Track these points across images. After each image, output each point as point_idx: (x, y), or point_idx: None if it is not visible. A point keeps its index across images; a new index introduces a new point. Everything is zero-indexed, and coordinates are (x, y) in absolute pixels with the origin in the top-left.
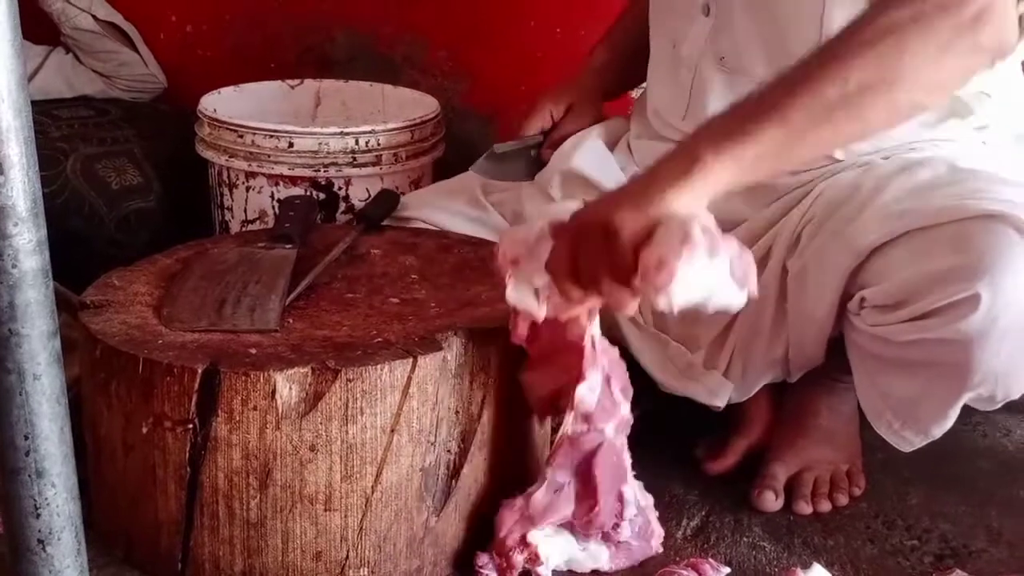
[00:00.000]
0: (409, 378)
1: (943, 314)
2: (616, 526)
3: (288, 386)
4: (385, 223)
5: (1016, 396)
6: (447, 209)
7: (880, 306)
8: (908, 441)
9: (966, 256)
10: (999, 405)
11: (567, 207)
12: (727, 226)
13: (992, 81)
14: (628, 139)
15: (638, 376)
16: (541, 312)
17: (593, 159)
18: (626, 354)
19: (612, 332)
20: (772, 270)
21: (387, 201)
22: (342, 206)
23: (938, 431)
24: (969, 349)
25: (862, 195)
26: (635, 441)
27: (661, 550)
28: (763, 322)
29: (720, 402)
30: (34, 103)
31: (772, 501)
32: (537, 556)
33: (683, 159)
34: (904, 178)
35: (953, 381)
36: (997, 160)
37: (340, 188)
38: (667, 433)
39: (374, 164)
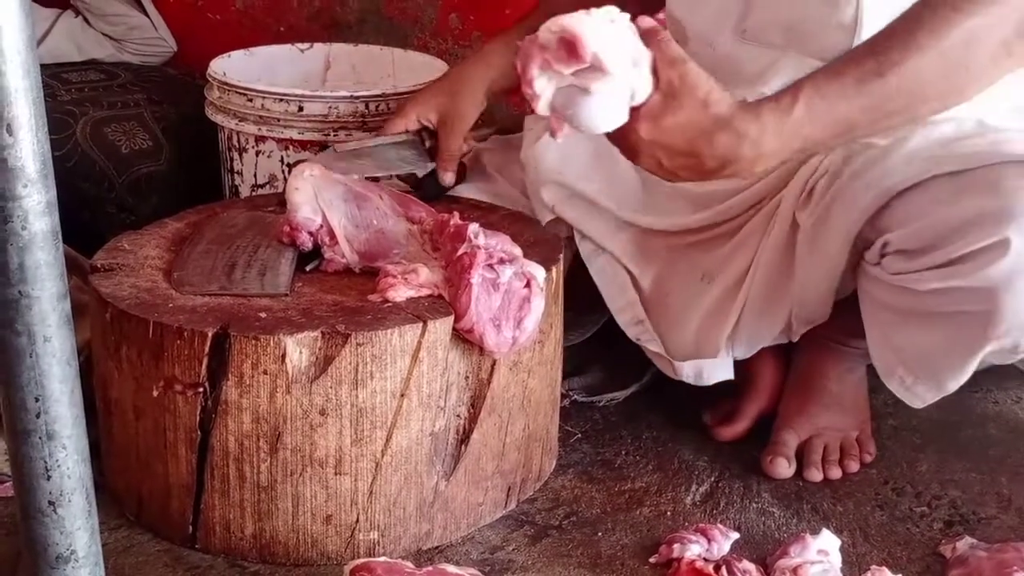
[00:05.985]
0: (419, 343)
1: (971, 260)
2: None
3: (298, 350)
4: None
5: None
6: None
7: (905, 251)
8: (919, 397)
9: (996, 200)
10: (1020, 357)
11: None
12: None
13: None
14: None
15: (640, 350)
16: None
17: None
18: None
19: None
20: (781, 226)
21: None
22: None
23: (953, 385)
24: (996, 297)
25: (883, 145)
26: (643, 408)
27: None
28: (771, 277)
29: (724, 376)
30: (44, 67)
31: (785, 468)
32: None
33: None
34: (928, 131)
35: (976, 331)
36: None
37: None
38: (675, 400)
39: None
